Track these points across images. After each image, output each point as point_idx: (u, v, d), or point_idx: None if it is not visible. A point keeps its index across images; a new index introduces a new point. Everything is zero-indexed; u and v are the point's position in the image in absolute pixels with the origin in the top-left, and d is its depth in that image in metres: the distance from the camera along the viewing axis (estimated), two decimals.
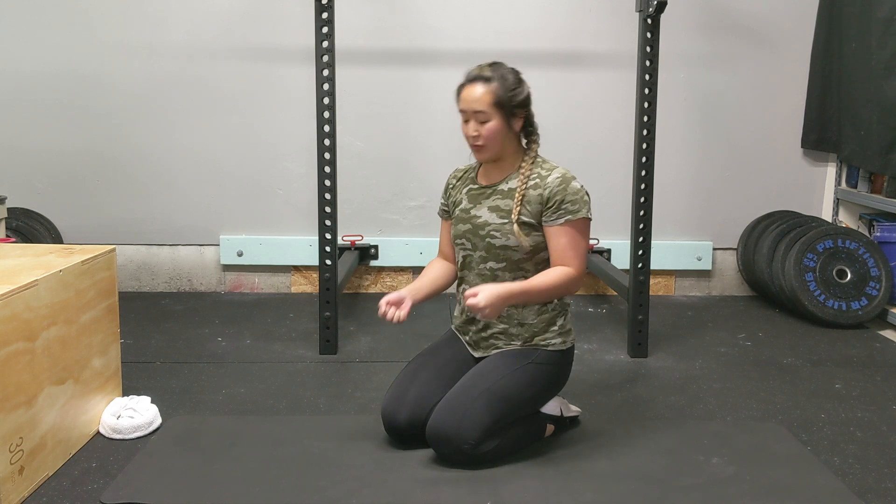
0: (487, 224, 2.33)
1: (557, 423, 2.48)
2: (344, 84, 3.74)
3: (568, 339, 2.40)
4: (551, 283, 2.25)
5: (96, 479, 2.19)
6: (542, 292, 2.25)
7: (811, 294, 3.76)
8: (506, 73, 2.31)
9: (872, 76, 3.74)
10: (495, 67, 2.32)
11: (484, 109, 2.28)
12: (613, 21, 4.08)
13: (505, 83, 2.28)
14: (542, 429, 2.43)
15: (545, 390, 2.38)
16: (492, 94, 2.27)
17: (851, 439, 2.52)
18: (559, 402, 2.50)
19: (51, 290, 2.18)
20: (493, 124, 2.28)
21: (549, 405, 2.47)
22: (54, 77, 4.07)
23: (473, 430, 2.20)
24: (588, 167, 4.24)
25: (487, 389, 2.25)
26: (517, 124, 2.33)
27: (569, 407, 2.53)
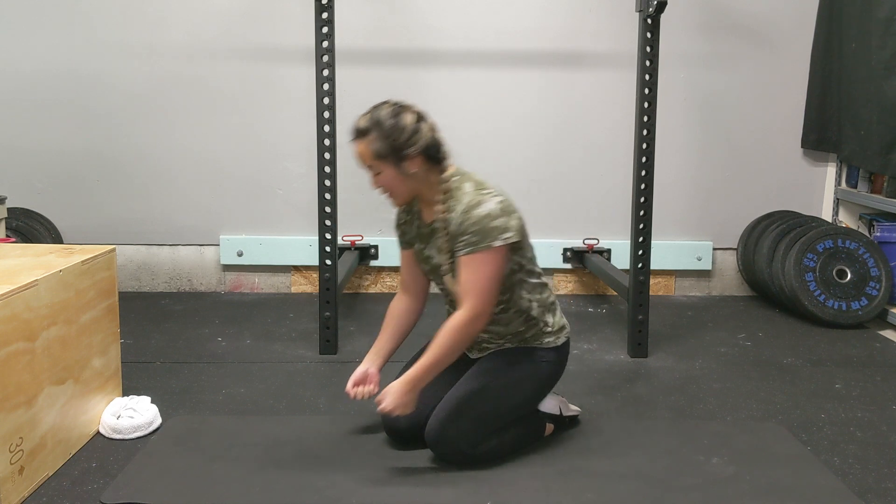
0: (441, 265, 2.28)
1: (557, 422, 2.48)
2: (344, 84, 3.73)
3: (561, 335, 2.37)
4: (449, 344, 2.13)
5: (96, 479, 2.19)
6: (444, 358, 2.14)
7: (811, 294, 3.76)
8: (383, 120, 2.14)
9: (872, 76, 3.74)
10: (373, 116, 2.17)
11: (370, 164, 2.18)
12: (613, 21, 4.08)
13: (382, 132, 2.13)
14: (542, 428, 2.43)
15: (541, 388, 2.37)
16: (370, 148, 2.15)
17: (851, 439, 2.52)
18: (558, 401, 2.49)
19: (51, 290, 2.18)
20: (385, 175, 2.18)
21: (548, 404, 2.47)
22: (54, 77, 4.07)
23: (471, 432, 2.21)
24: (588, 167, 4.24)
25: (483, 391, 2.25)
26: (412, 166, 2.16)
27: (568, 406, 2.53)
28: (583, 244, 4.27)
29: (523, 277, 2.28)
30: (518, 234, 2.18)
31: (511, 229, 2.15)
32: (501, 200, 2.17)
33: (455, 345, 2.15)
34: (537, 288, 2.32)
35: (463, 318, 2.13)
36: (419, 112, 2.20)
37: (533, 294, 2.30)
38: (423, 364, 2.15)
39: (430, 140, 2.18)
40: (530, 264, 2.30)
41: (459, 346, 2.16)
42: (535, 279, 2.31)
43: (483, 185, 2.20)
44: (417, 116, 2.18)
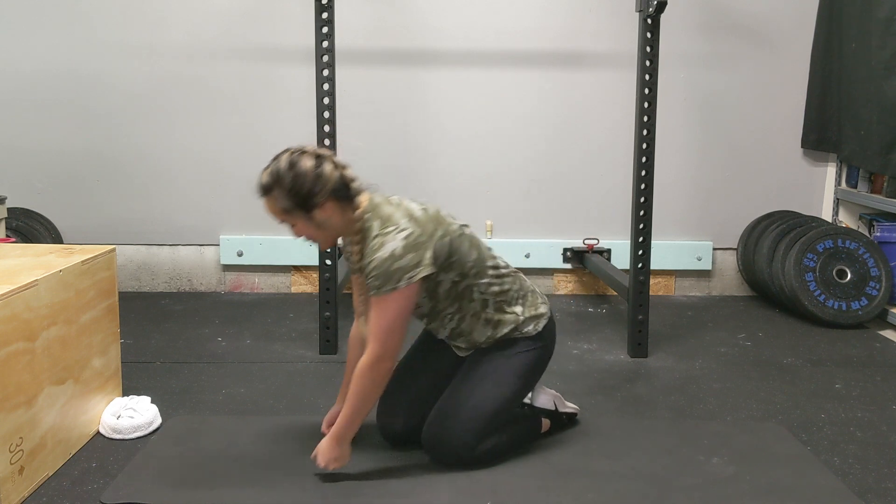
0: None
1: (553, 418, 2.48)
2: (344, 84, 3.73)
3: (539, 320, 2.31)
4: (361, 391, 2.09)
5: (96, 479, 2.19)
6: (362, 405, 2.10)
7: (811, 294, 3.76)
8: (283, 174, 2.06)
9: (872, 76, 3.74)
10: (272, 171, 2.08)
11: (281, 219, 2.11)
12: (613, 21, 4.08)
13: (283, 187, 2.05)
14: (538, 424, 2.43)
15: (528, 378, 2.34)
16: (276, 205, 2.08)
17: (851, 439, 2.52)
18: (552, 397, 2.50)
19: (51, 290, 2.18)
20: (300, 228, 2.12)
21: (542, 399, 2.47)
22: (55, 77, 4.07)
23: (467, 435, 2.20)
24: (588, 167, 4.24)
25: (472, 394, 2.24)
26: (322, 213, 2.08)
27: (564, 403, 2.53)
28: (583, 244, 4.27)
29: (470, 283, 2.20)
30: (432, 265, 2.07)
31: (421, 264, 2.05)
32: (408, 235, 2.05)
33: (366, 390, 2.09)
34: (493, 285, 2.24)
35: (365, 362, 2.07)
36: (319, 153, 2.11)
37: (488, 294, 2.23)
38: (345, 415, 2.12)
39: (335, 181, 2.08)
40: (477, 266, 2.21)
41: (372, 389, 2.10)
42: (485, 279, 2.23)
43: (389, 220, 2.08)
44: (317, 160, 2.08)
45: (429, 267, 2.07)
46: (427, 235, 2.09)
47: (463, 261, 2.17)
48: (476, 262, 2.21)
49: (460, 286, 2.20)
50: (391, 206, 2.14)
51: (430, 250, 2.08)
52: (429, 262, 2.07)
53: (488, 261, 2.25)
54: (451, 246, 2.14)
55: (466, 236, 2.21)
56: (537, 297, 2.37)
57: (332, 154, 2.15)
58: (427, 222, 2.11)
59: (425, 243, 2.07)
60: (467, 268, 2.19)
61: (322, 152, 2.13)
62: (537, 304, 2.35)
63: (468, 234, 2.23)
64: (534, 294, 2.36)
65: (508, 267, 2.33)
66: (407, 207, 2.14)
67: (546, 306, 2.37)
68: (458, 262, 2.16)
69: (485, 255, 2.25)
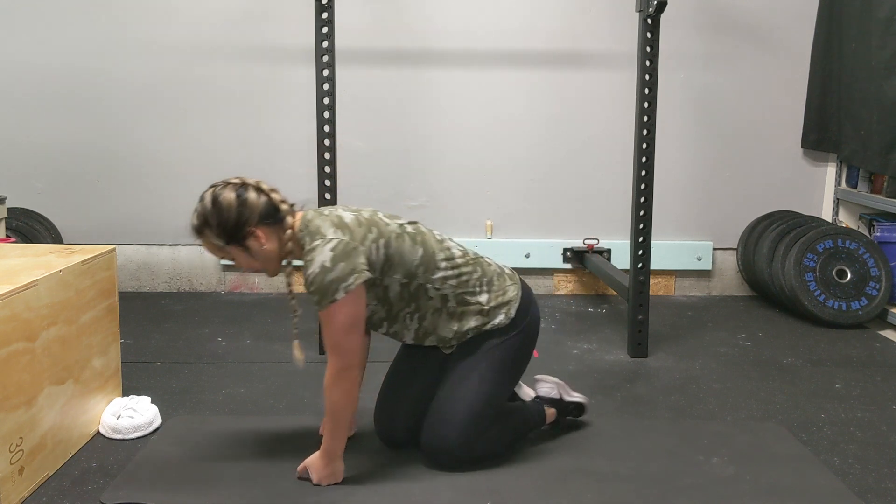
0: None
1: (558, 407, 2.46)
2: (344, 84, 3.73)
3: (510, 307, 2.24)
4: (333, 405, 2.09)
5: (96, 479, 2.19)
6: (339, 417, 2.10)
7: (811, 294, 3.76)
8: (208, 214, 2.08)
9: (872, 76, 3.74)
10: (198, 212, 2.11)
11: (220, 256, 2.14)
12: (613, 21, 4.08)
13: (211, 226, 2.08)
14: (539, 414, 2.41)
15: (513, 368, 2.30)
16: (211, 244, 2.11)
17: (851, 439, 2.52)
18: (555, 385, 2.49)
19: (51, 290, 2.18)
20: (239, 260, 2.13)
21: (544, 388, 2.46)
22: (55, 76, 4.07)
23: (460, 439, 2.19)
24: (588, 167, 4.24)
25: (458, 395, 2.21)
26: (256, 242, 2.09)
27: (569, 392, 2.52)
28: (583, 244, 4.27)
29: (422, 282, 2.16)
30: (368, 270, 2.05)
31: (355, 271, 2.02)
32: (335, 245, 2.02)
33: (339, 403, 2.09)
34: (449, 279, 2.18)
35: (329, 376, 2.08)
36: (242, 183, 2.12)
37: (445, 288, 2.18)
38: (328, 431, 2.12)
39: (261, 207, 2.08)
40: (425, 263, 2.16)
41: (344, 400, 2.09)
42: (439, 273, 2.17)
43: (317, 232, 2.06)
44: (237, 190, 2.10)
45: (364, 273, 2.04)
46: (357, 241, 2.06)
47: (406, 260, 2.13)
48: (423, 260, 2.15)
49: (411, 286, 2.16)
50: (321, 217, 2.11)
51: (363, 256, 2.05)
52: (363, 267, 2.04)
53: (439, 254, 2.19)
54: (388, 248, 2.11)
55: (408, 235, 2.16)
56: (505, 280, 2.28)
57: (256, 181, 2.15)
58: (357, 228, 2.09)
59: (356, 249, 2.05)
60: (413, 267, 2.14)
61: (245, 181, 2.14)
62: (505, 288, 2.26)
63: (411, 233, 2.17)
64: (501, 278, 2.27)
65: (466, 255, 2.25)
66: (337, 216, 2.12)
67: (516, 288, 2.28)
68: (400, 264, 2.12)
69: (433, 249, 2.18)
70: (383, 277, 2.13)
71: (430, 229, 2.27)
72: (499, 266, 2.33)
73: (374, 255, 2.09)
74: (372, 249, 2.08)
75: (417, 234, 2.19)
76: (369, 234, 2.09)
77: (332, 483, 2.15)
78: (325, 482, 2.15)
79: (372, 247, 2.08)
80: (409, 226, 2.21)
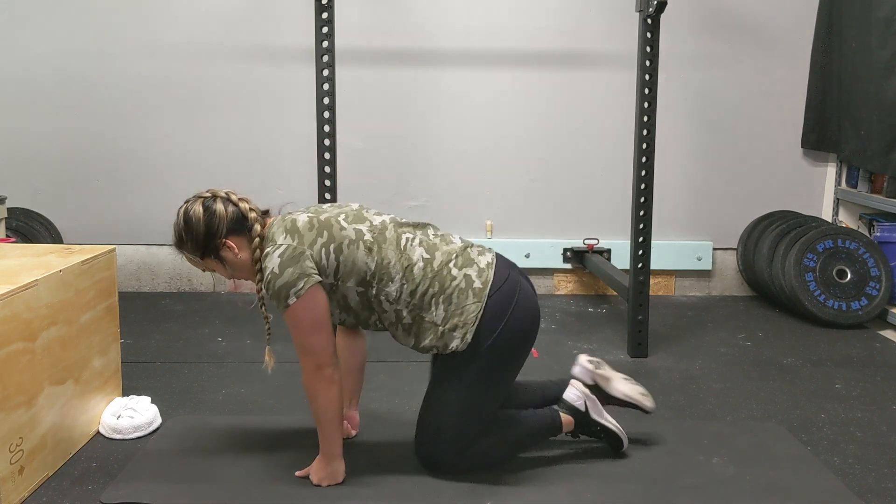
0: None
1: (577, 419, 2.34)
2: (344, 84, 3.73)
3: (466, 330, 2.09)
4: (317, 408, 2.10)
5: (96, 479, 2.19)
6: (325, 420, 2.10)
7: (811, 294, 3.76)
8: (181, 229, 2.14)
9: (872, 76, 3.74)
10: (174, 229, 2.16)
11: (202, 269, 2.20)
12: (613, 21, 4.08)
13: (185, 241, 2.13)
14: (554, 422, 2.31)
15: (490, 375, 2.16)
16: (190, 257, 2.17)
17: (851, 439, 2.52)
18: (582, 395, 2.34)
19: (51, 290, 2.18)
20: (219, 271, 2.18)
21: (570, 393, 2.34)
22: (55, 77, 4.07)
23: (449, 444, 2.16)
24: (588, 167, 4.24)
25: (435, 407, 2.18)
26: (230, 251, 2.12)
27: (601, 411, 2.35)
28: (583, 244, 4.27)
29: (376, 293, 2.11)
30: (317, 274, 2.04)
31: (304, 275, 2.01)
32: (283, 251, 2.03)
33: (322, 401, 2.09)
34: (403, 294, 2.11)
35: (304, 379, 2.10)
36: (209, 195, 2.17)
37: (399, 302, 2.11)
38: (320, 433, 2.13)
39: (230, 217, 2.12)
40: (381, 273, 2.09)
41: (327, 398, 2.08)
42: (394, 286, 2.10)
43: (271, 239, 2.08)
44: (206, 202, 2.14)
45: (313, 276, 2.03)
46: (306, 245, 2.06)
47: (358, 269, 2.09)
48: (376, 270, 2.10)
49: (368, 295, 2.12)
50: (278, 223, 2.12)
51: (308, 260, 2.04)
52: (311, 271, 2.04)
53: (395, 266, 2.10)
54: (339, 253, 2.07)
55: (364, 243, 2.09)
56: (467, 297, 2.11)
57: (227, 192, 2.19)
58: (307, 232, 2.08)
59: (302, 254, 2.04)
60: (365, 276, 2.09)
61: (216, 193, 2.18)
62: (464, 307, 2.10)
63: (368, 240, 2.10)
64: (462, 294, 2.11)
65: (432, 261, 2.12)
66: (292, 220, 2.12)
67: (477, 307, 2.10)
68: (352, 271, 2.08)
69: (389, 260, 2.10)
70: (338, 283, 2.10)
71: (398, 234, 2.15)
72: (468, 276, 2.13)
73: (323, 259, 2.07)
74: (322, 254, 2.07)
75: (375, 241, 2.11)
76: (319, 239, 2.08)
77: (332, 483, 2.15)
78: (324, 483, 2.15)
79: (322, 251, 2.07)
80: (368, 232, 2.12)
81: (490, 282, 2.14)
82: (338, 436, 2.15)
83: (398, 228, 2.18)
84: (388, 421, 2.59)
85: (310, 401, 2.11)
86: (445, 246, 2.19)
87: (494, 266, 2.19)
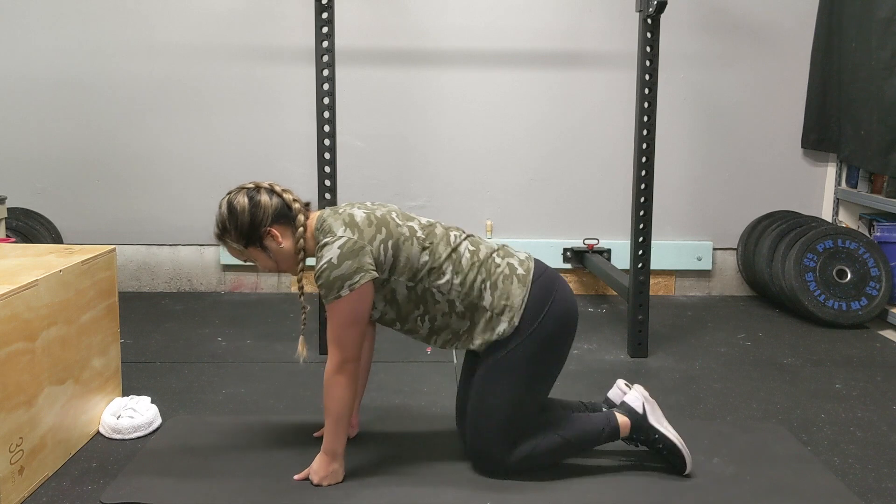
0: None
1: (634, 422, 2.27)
2: (344, 84, 3.74)
3: (514, 314, 2.15)
4: (332, 402, 2.11)
5: (96, 479, 2.19)
6: (338, 415, 2.11)
7: (811, 294, 3.76)
8: (225, 219, 2.14)
9: (872, 76, 3.74)
10: (217, 219, 2.16)
11: (244, 259, 2.20)
12: (613, 21, 4.08)
13: (229, 231, 2.14)
14: (611, 425, 2.26)
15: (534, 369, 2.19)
16: (232, 247, 2.18)
17: (851, 439, 2.52)
18: (641, 397, 2.30)
19: (51, 290, 2.18)
20: (261, 261, 2.19)
21: (631, 396, 2.31)
22: (55, 77, 4.07)
23: (491, 443, 2.17)
24: (588, 167, 4.25)
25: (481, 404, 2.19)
26: (273, 241, 2.15)
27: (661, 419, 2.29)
28: (583, 244, 4.27)
29: (429, 286, 2.15)
30: (374, 270, 2.07)
31: (362, 269, 2.04)
32: (343, 243, 2.05)
33: (336, 399, 2.10)
34: (454, 285, 2.15)
35: (329, 369, 2.10)
36: (252, 186, 2.18)
37: (450, 294, 2.15)
38: (328, 429, 2.14)
39: (275, 207, 2.15)
40: (433, 267, 2.14)
41: (343, 394, 2.10)
42: (445, 278, 2.14)
43: (328, 230, 2.10)
44: (250, 193, 2.16)
45: (370, 272, 2.06)
46: (366, 240, 2.08)
47: (412, 264, 2.13)
48: (429, 265, 2.14)
49: (418, 289, 2.16)
50: (334, 216, 2.14)
51: (369, 255, 2.07)
52: (369, 267, 2.06)
53: (446, 261, 2.16)
54: (397, 250, 2.12)
55: (417, 239, 2.15)
56: (511, 282, 2.18)
57: (269, 183, 2.20)
58: (367, 228, 2.10)
59: (363, 249, 2.07)
60: (419, 271, 2.14)
61: (258, 184, 2.19)
62: (510, 291, 2.17)
63: (420, 237, 2.16)
64: (507, 280, 2.18)
65: (477, 252, 2.20)
66: (349, 214, 2.13)
67: (522, 292, 2.17)
68: (406, 267, 2.13)
69: (440, 255, 2.16)
70: (390, 279, 2.14)
71: (445, 229, 2.23)
72: (511, 265, 2.22)
73: (381, 255, 2.10)
74: (381, 250, 2.10)
75: (427, 238, 2.18)
76: (378, 235, 2.11)
77: (333, 483, 2.15)
78: (325, 482, 2.15)
79: (380, 247, 2.10)
80: (419, 229, 2.18)
81: (532, 269, 2.24)
82: (345, 434, 2.16)
83: (444, 226, 2.26)
84: (388, 421, 2.59)
85: (326, 394, 2.12)
86: (485, 242, 2.30)
87: (532, 259, 2.30)
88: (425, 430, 2.53)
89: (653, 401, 2.34)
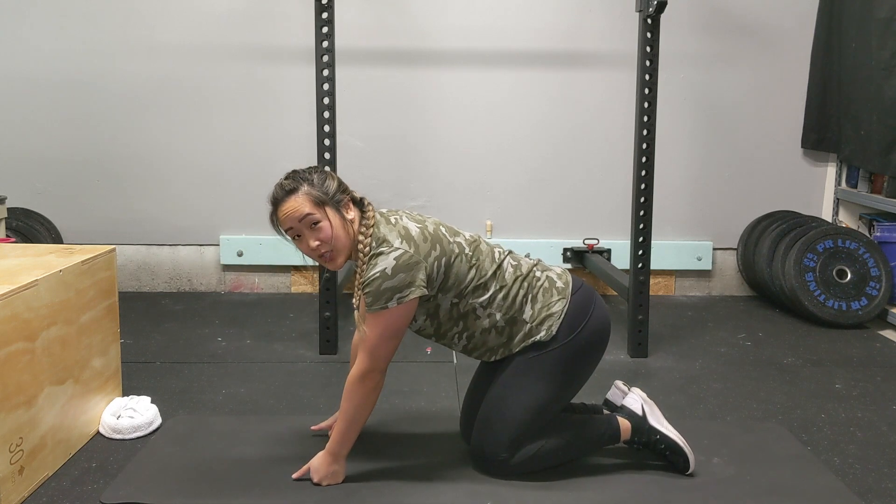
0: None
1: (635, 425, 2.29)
2: (344, 84, 3.74)
3: (553, 324, 2.18)
4: (351, 406, 2.10)
5: (96, 479, 2.19)
6: (353, 420, 2.11)
7: (811, 294, 3.76)
8: (307, 175, 2.12)
9: (872, 76, 3.74)
10: (294, 176, 2.13)
11: (310, 212, 2.07)
12: (613, 21, 4.08)
13: (312, 184, 2.10)
14: (613, 428, 2.28)
15: (560, 378, 2.19)
16: (307, 199, 2.08)
17: (851, 439, 2.52)
18: (640, 399, 2.33)
19: (51, 290, 2.18)
20: (327, 223, 2.08)
21: (630, 398, 2.34)
22: (55, 78, 4.07)
23: (499, 447, 2.17)
24: (588, 167, 4.25)
25: (499, 403, 2.20)
26: (349, 211, 2.13)
27: (661, 419, 2.31)
28: (583, 244, 4.27)
29: (472, 302, 2.16)
30: (424, 286, 2.06)
31: (413, 285, 2.03)
32: (401, 255, 2.03)
33: (356, 404, 2.10)
34: (496, 300, 2.17)
35: (355, 374, 2.09)
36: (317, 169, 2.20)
37: (493, 308, 2.17)
38: (339, 430, 2.13)
39: (351, 191, 2.19)
40: (478, 284, 2.16)
41: (363, 401, 2.10)
42: (488, 293, 2.16)
43: (383, 240, 2.08)
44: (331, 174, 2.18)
45: (421, 288, 2.06)
46: (422, 256, 2.07)
47: (460, 282, 2.14)
48: (475, 282, 2.16)
49: (461, 306, 2.17)
50: (388, 226, 2.13)
51: (423, 271, 2.06)
52: (421, 283, 2.06)
53: (491, 278, 2.18)
54: (449, 268, 2.12)
55: (465, 256, 2.15)
56: (552, 294, 2.22)
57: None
58: (423, 243, 2.09)
59: (418, 264, 2.05)
60: (465, 288, 2.15)
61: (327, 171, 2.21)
62: (550, 303, 2.21)
63: (468, 254, 2.16)
64: (547, 293, 2.22)
65: (519, 267, 2.23)
66: (404, 226, 2.12)
67: (562, 304, 2.20)
68: (454, 284, 2.14)
69: (486, 271, 2.17)
70: (437, 294, 2.14)
71: (489, 246, 2.24)
72: (551, 278, 2.25)
73: (434, 272, 2.10)
74: (434, 267, 2.09)
75: (474, 255, 2.18)
76: (433, 252, 2.10)
77: (333, 483, 2.15)
78: (325, 482, 2.15)
79: (434, 264, 2.09)
80: (467, 245, 2.17)
81: (570, 283, 2.27)
82: (353, 439, 2.16)
83: (486, 242, 2.28)
84: (388, 421, 2.59)
85: (346, 398, 2.11)
86: (524, 258, 2.32)
87: (568, 273, 2.33)
88: (425, 430, 2.53)
89: (651, 402, 2.36)
